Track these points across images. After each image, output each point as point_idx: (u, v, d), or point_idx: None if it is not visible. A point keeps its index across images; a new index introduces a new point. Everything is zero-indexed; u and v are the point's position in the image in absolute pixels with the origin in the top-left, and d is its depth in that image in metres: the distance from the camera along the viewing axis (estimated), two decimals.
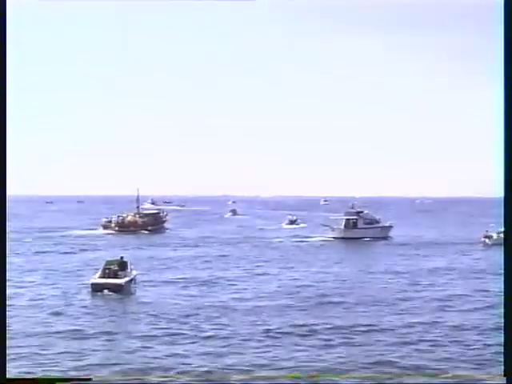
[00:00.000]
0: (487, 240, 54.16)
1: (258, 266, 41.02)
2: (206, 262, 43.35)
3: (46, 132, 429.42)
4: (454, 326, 22.70)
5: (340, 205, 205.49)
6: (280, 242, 60.77)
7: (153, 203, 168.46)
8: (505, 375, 9.20)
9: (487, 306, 26.27)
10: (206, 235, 66.32)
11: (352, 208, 66.13)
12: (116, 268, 31.23)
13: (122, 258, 32.09)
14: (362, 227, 62.97)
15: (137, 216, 72.71)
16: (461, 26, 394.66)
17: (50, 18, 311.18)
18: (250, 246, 55.60)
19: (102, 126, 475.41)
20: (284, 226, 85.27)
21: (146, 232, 69.45)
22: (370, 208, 72.80)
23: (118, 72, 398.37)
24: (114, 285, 29.82)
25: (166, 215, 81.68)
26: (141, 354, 18.91)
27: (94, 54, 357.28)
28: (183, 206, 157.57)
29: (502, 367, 9.86)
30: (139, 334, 21.25)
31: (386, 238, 63.35)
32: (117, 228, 69.24)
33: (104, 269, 31.22)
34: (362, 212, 64.75)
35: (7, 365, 9.21)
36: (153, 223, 73.43)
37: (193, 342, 20.32)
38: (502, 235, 53.56)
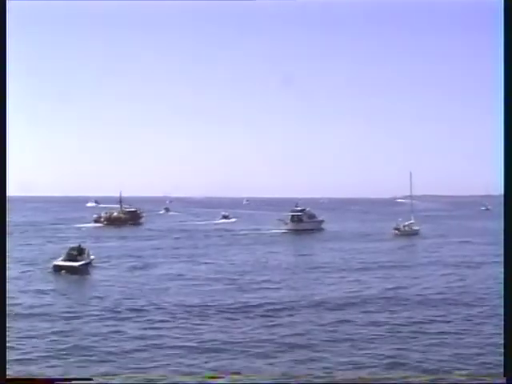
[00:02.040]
0: (397, 231, 73.98)
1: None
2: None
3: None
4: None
5: (259, 204, 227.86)
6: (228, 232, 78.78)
7: (96, 202, 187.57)
8: (505, 375, 9.43)
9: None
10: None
11: (296, 206, 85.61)
12: (76, 253, 39.52)
13: (79, 245, 41.41)
14: (306, 221, 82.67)
15: (121, 213, 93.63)
16: None
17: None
18: (203, 236, 72.61)
19: None
20: (218, 220, 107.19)
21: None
22: (287, 206, 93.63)
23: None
24: (70, 267, 37.75)
25: (143, 212, 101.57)
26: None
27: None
28: (130, 205, 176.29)
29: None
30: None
31: (321, 229, 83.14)
32: (106, 222, 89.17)
33: (67, 253, 39.53)
34: (305, 209, 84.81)
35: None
36: (133, 218, 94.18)
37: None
38: (406, 228, 75.42)
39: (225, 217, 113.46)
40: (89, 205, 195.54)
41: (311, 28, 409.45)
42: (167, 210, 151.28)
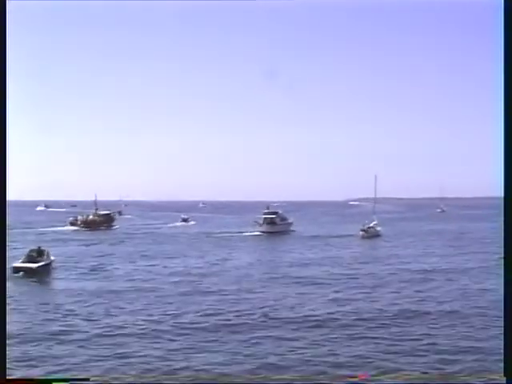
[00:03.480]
0: (364, 233, 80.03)
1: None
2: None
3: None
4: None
5: (216, 207, 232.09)
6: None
7: (46, 206, 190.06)
8: (505, 375, 9.90)
9: None
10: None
11: (268, 209, 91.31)
12: (35, 255, 41.08)
13: (39, 247, 42.85)
14: (279, 223, 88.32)
15: (96, 216, 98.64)
16: None
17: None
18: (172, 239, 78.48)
19: None
20: (178, 223, 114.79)
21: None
22: (245, 210, 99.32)
23: None
24: (28, 268, 39.22)
25: (115, 215, 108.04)
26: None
27: None
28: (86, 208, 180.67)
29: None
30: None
31: (291, 231, 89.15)
32: (82, 225, 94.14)
33: (27, 255, 41.00)
34: (277, 212, 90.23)
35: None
36: (107, 221, 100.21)
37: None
38: (372, 229, 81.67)
39: (184, 220, 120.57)
40: (38, 209, 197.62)
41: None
42: (120, 213, 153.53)
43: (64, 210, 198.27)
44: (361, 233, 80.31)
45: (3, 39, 9.85)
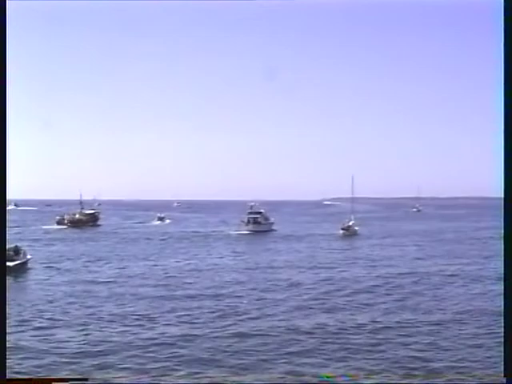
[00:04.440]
0: (345, 231, 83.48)
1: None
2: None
3: None
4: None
5: (189, 206, 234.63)
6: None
7: (16, 205, 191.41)
8: (505, 375, 9.79)
9: None
10: None
11: (251, 208, 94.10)
12: (11, 253, 41.23)
13: (16, 246, 43.75)
14: (264, 223, 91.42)
15: (82, 215, 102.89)
16: None
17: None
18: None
19: None
20: (154, 222, 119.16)
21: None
22: (219, 209, 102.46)
23: None
24: None
25: (99, 214, 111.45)
26: None
27: None
28: (61, 207, 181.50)
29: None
30: None
31: (273, 230, 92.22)
32: (69, 224, 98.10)
33: None
34: (261, 212, 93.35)
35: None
36: (92, 220, 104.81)
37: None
38: (351, 229, 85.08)
39: (160, 219, 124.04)
40: (10, 208, 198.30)
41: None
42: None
43: (36, 208, 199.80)
44: (341, 232, 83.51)
45: (3, 39, 9.91)
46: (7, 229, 9.85)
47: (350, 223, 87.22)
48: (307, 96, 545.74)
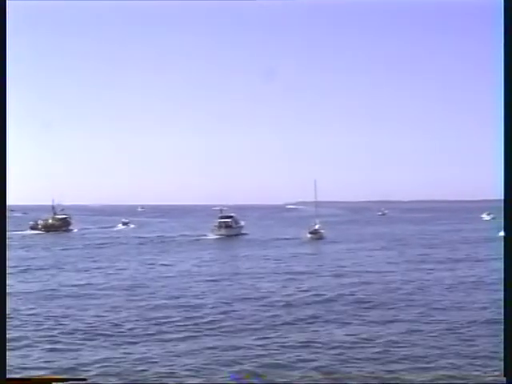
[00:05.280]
0: (313, 235, 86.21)
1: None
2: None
3: None
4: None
5: (153, 211, 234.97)
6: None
7: None
8: (505, 375, 9.51)
9: None
10: None
11: (221, 212, 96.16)
12: None
13: None
14: (235, 227, 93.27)
15: (54, 220, 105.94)
16: None
17: None
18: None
19: None
20: (120, 226, 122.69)
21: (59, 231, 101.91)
22: (185, 214, 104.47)
23: None
24: None
25: (71, 219, 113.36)
26: None
27: None
28: (26, 213, 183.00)
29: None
30: None
31: (244, 234, 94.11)
32: (43, 229, 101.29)
33: None
34: (232, 216, 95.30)
35: None
36: (65, 225, 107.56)
37: None
38: (318, 233, 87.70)
39: (125, 223, 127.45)
40: None
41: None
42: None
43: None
44: (309, 235, 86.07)
45: (3, 39, 9.64)
46: None
47: (316, 227, 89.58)
48: (273, 100, 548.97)
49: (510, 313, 9.24)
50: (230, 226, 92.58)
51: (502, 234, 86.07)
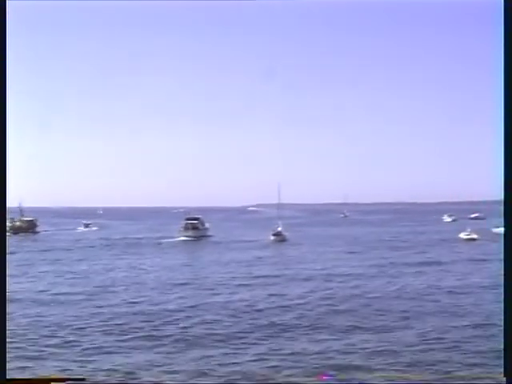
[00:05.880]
0: (276, 237, 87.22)
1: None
2: None
3: None
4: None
5: (114, 213, 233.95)
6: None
7: None
8: (505, 375, 10.11)
9: None
10: None
11: (188, 214, 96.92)
12: None
13: None
14: (201, 228, 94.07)
15: (22, 222, 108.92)
16: None
17: None
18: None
19: None
20: (82, 229, 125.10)
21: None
22: (148, 216, 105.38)
23: None
24: None
25: (37, 221, 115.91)
26: None
27: None
28: None
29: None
30: None
31: (209, 236, 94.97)
32: (11, 230, 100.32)
33: None
34: (199, 218, 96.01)
35: None
36: (32, 227, 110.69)
37: None
38: (281, 235, 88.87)
39: (86, 225, 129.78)
40: None
41: None
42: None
43: None
44: (272, 237, 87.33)
45: (3, 39, 9.91)
46: None
47: (279, 229, 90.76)
48: (234, 103, 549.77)
49: (510, 313, 9.68)
50: (197, 227, 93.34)
51: (461, 235, 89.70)
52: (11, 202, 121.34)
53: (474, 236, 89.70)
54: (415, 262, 59.46)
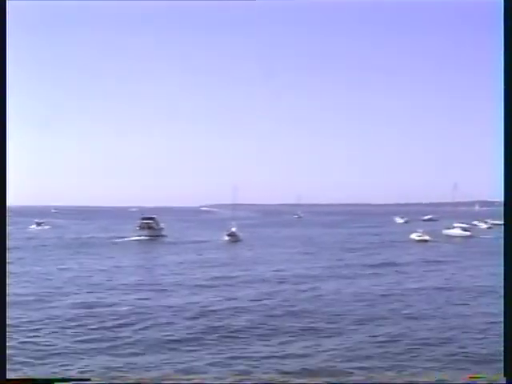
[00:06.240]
0: (231, 237, 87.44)
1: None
2: None
3: None
4: None
5: (69, 212, 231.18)
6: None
7: None
8: (505, 375, 10.10)
9: None
10: None
11: (143, 214, 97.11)
12: None
13: None
14: (156, 228, 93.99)
15: None
16: None
17: None
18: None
19: None
20: (33, 227, 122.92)
21: None
22: (101, 215, 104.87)
23: None
24: None
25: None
26: None
27: None
28: None
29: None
30: None
31: (164, 236, 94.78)
32: None
33: None
34: (154, 217, 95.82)
35: None
36: None
37: None
38: (236, 235, 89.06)
39: (38, 224, 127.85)
40: None
41: None
42: None
43: None
44: (227, 238, 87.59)
45: (3, 39, 10.02)
46: None
47: (233, 229, 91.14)
48: (192, 100, 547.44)
49: (510, 313, 9.78)
50: (152, 227, 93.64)
51: (413, 236, 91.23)
52: None
53: (426, 237, 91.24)
54: (370, 263, 59.96)
